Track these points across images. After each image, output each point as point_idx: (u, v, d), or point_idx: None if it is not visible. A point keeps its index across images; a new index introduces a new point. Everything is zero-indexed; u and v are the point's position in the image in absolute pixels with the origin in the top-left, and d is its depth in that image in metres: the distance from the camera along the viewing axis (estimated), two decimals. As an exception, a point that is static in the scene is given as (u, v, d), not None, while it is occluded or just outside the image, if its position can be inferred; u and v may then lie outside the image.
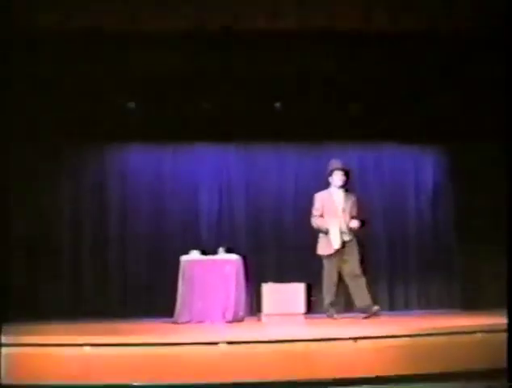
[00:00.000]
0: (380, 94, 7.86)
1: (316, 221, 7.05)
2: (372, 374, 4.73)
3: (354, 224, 7.00)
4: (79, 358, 4.68)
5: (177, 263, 7.01)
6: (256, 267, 7.66)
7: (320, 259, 8.40)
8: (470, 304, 7.98)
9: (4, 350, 4.62)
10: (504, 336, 4.60)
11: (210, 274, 6.94)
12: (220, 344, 4.77)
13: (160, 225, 8.26)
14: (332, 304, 7.00)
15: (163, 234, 8.23)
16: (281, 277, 7.87)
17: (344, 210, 7.04)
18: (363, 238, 7.18)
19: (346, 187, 7.12)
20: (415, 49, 7.10)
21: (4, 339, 4.67)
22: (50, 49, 6.93)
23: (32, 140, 7.81)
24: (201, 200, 8.39)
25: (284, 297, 7.38)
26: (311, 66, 7.42)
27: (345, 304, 8.26)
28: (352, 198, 7.16)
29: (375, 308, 6.80)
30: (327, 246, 6.98)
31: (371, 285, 7.11)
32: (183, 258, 7.05)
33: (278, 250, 8.36)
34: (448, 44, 7.02)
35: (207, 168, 8.44)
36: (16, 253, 7.59)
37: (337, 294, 7.05)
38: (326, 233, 6.96)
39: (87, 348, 4.70)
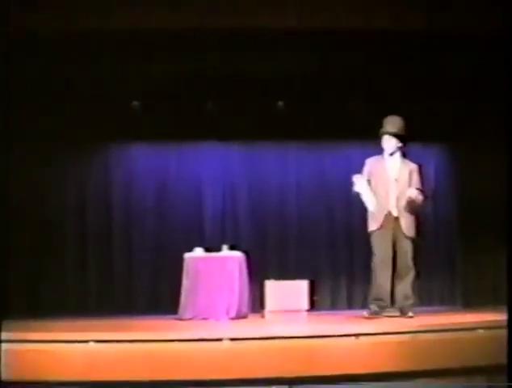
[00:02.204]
0: (381, 92, 7.89)
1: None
2: (374, 371, 4.74)
3: (411, 192, 5.98)
4: (83, 354, 4.69)
5: (181, 260, 7.05)
6: (259, 265, 7.69)
7: (323, 255, 8.49)
8: (471, 301, 8.02)
9: (6, 346, 4.64)
10: (505, 332, 4.62)
11: (214, 271, 6.97)
12: (223, 341, 4.80)
13: (164, 222, 8.31)
14: (376, 299, 6.10)
15: (167, 232, 8.28)
16: (284, 274, 7.91)
17: (397, 180, 6.10)
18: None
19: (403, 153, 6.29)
20: (416, 48, 7.11)
21: (6, 336, 4.68)
22: (52, 49, 6.95)
23: (34, 140, 7.86)
24: (205, 198, 8.44)
25: (287, 294, 7.41)
26: (311, 65, 7.43)
27: (347, 299, 8.34)
28: (411, 166, 6.21)
29: (410, 314, 6.00)
30: (372, 219, 6.14)
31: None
32: (187, 255, 7.09)
33: (281, 248, 8.40)
34: (450, 44, 7.03)
35: (210, 167, 8.48)
36: (19, 250, 7.63)
37: (391, 288, 6.08)
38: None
39: (91, 345, 4.73)
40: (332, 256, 8.40)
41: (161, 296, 7.99)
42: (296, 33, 6.84)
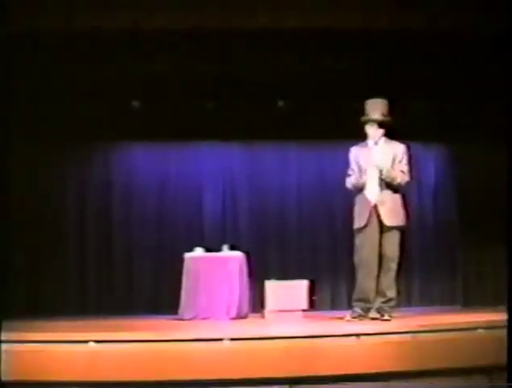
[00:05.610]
0: (381, 92, 7.88)
1: (349, 181, 5.92)
2: (374, 371, 4.74)
3: (383, 168, 5.62)
4: (83, 355, 4.67)
5: (181, 260, 7.05)
6: (259, 264, 7.69)
7: (323, 255, 8.47)
8: (471, 301, 8.02)
9: (6, 346, 4.62)
10: (505, 332, 4.62)
11: (214, 271, 6.98)
12: (223, 341, 4.80)
13: (164, 222, 8.32)
14: (359, 300, 5.88)
15: (167, 232, 8.29)
16: (284, 274, 7.90)
17: (379, 167, 5.78)
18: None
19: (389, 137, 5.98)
20: (416, 48, 7.12)
21: (6, 336, 4.67)
22: (52, 49, 6.95)
23: (34, 140, 7.86)
24: (205, 198, 8.46)
25: (287, 294, 7.39)
26: (311, 65, 7.44)
27: (347, 299, 8.32)
28: (395, 149, 5.84)
29: (385, 317, 5.73)
30: (359, 215, 5.77)
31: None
32: (187, 255, 7.09)
33: (281, 248, 8.41)
34: (450, 43, 7.03)
35: (210, 166, 8.50)
36: (19, 250, 7.63)
37: (375, 288, 5.76)
38: (362, 189, 5.76)
39: (91, 345, 4.72)
40: (332, 256, 8.40)
41: (161, 296, 8.00)
42: (296, 33, 6.84)
